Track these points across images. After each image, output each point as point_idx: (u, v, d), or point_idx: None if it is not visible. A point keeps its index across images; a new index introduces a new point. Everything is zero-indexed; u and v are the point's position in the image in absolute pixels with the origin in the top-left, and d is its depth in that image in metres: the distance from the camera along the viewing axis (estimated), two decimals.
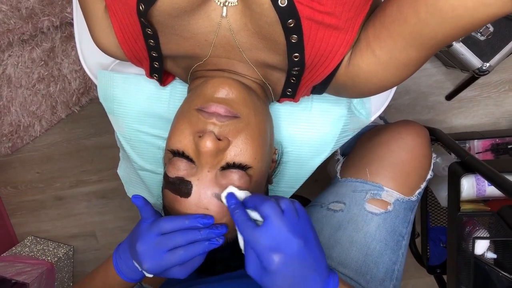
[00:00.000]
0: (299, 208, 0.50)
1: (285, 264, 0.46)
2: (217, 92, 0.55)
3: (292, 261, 0.46)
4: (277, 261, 0.46)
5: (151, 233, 0.54)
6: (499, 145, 1.15)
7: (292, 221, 0.47)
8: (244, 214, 0.50)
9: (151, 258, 0.53)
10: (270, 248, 0.46)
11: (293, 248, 0.46)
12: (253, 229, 0.47)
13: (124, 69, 0.77)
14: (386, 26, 0.49)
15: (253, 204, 0.50)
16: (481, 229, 0.79)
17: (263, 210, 0.48)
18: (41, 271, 1.52)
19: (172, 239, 0.53)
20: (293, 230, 0.47)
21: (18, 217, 1.74)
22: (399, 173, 0.76)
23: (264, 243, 0.46)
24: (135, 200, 0.55)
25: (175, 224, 0.53)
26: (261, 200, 0.49)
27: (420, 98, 1.36)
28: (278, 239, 0.46)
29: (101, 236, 1.73)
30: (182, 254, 0.53)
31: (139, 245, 0.54)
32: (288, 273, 0.47)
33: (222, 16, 0.52)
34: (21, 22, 1.31)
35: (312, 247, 0.49)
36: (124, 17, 0.55)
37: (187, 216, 0.53)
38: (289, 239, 0.46)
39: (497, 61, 1.04)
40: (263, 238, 0.46)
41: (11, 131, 1.57)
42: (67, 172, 1.65)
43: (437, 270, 1.18)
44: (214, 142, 0.50)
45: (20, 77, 1.48)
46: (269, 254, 0.46)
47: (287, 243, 0.46)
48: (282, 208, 0.48)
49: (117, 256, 0.60)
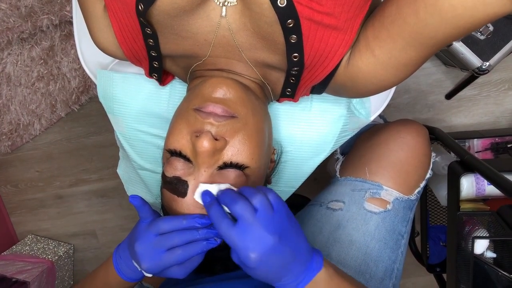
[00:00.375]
0: (273, 201, 0.50)
1: (261, 261, 0.47)
2: (215, 92, 0.55)
3: (269, 257, 0.47)
4: (253, 259, 0.47)
5: (149, 233, 0.54)
6: (499, 144, 1.15)
7: (266, 218, 0.47)
8: (219, 211, 0.50)
9: (149, 258, 0.53)
10: (246, 248, 0.47)
11: (268, 245, 0.47)
12: (228, 228, 0.48)
13: (123, 69, 0.77)
14: (386, 26, 0.49)
15: (224, 202, 0.50)
16: (481, 228, 0.79)
17: (234, 211, 0.48)
18: (42, 270, 1.52)
19: (170, 239, 0.53)
20: (266, 228, 0.47)
21: (18, 215, 1.74)
22: (399, 172, 0.76)
23: (238, 243, 0.47)
24: (132, 200, 0.56)
25: (172, 224, 0.53)
26: (233, 199, 0.48)
27: (419, 97, 1.36)
28: (252, 239, 0.47)
29: (101, 235, 1.73)
30: (180, 254, 0.53)
31: (138, 245, 0.54)
32: (267, 267, 0.48)
33: (222, 16, 0.52)
34: (20, 21, 1.31)
35: (289, 237, 0.49)
36: (123, 16, 0.55)
37: (184, 216, 0.53)
38: (263, 237, 0.47)
39: (497, 60, 1.04)
40: (237, 239, 0.47)
41: (11, 130, 1.57)
42: (67, 171, 1.65)
43: (437, 268, 1.18)
44: (211, 142, 0.51)
45: (19, 76, 1.47)
46: (245, 253, 0.47)
47: (261, 241, 0.47)
48: (254, 206, 0.48)
49: (117, 256, 0.60)
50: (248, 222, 0.47)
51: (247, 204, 0.48)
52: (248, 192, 0.50)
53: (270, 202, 0.49)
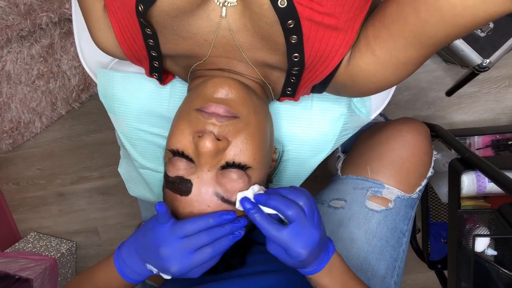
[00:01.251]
0: (312, 201, 0.55)
1: (311, 252, 0.53)
2: (217, 92, 0.55)
3: (314, 249, 0.53)
4: (305, 254, 0.52)
5: (174, 236, 0.53)
6: (500, 141, 1.15)
7: (312, 218, 0.53)
8: (265, 216, 0.53)
9: (178, 261, 0.53)
10: (298, 246, 0.52)
11: (316, 241, 0.53)
12: (280, 231, 0.52)
13: (123, 68, 0.77)
14: (386, 26, 0.49)
15: (275, 207, 0.53)
16: (482, 226, 0.79)
17: (288, 215, 0.52)
18: (44, 267, 1.53)
19: (197, 239, 0.53)
20: (314, 227, 0.53)
21: (20, 213, 1.75)
22: (400, 170, 0.76)
23: (293, 242, 0.51)
24: (160, 208, 0.53)
25: (199, 224, 0.53)
26: (284, 204, 0.52)
27: (420, 94, 1.35)
28: (305, 238, 0.52)
29: (103, 232, 1.73)
30: (209, 252, 0.53)
31: (163, 249, 0.53)
32: (311, 256, 0.54)
33: (222, 16, 0.52)
34: (19, 18, 1.31)
35: (322, 230, 0.55)
36: (123, 16, 0.55)
37: (211, 215, 0.53)
38: (313, 235, 0.52)
39: (497, 57, 1.04)
40: (291, 239, 0.51)
41: (12, 128, 1.57)
42: (68, 169, 1.65)
43: (438, 265, 1.18)
44: (214, 143, 0.51)
45: (19, 74, 1.47)
46: (298, 250, 0.52)
47: (312, 239, 0.52)
48: (302, 208, 0.53)
49: (119, 261, 0.59)
50: (301, 224, 0.52)
51: (299, 208, 0.52)
52: (294, 195, 0.54)
53: (311, 202, 0.55)
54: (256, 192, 0.55)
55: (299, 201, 0.53)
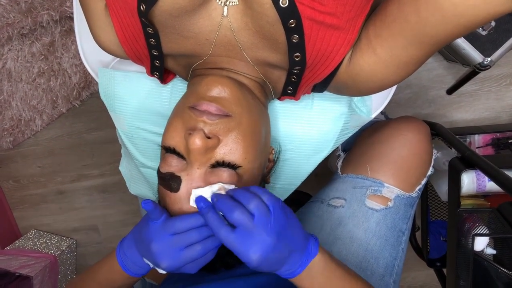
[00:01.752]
0: (269, 202, 0.51)
1: (262, 260, 0.50)
2: (210, 90, 0.55)
3: (269, 255, 0.50)
4: (255, 260, 0.49)
5: (165, 232, 0.54)
6: (500, 139, 1.15)
7: (263, 222, 0.49)
8: (216, 217, 0.51)
9: (168, 257, 0.54)
10: (247, 251, 0.49)
11: (268, 246, 0.49)
12: (227, 235, 0.50)
13: (124, 67, 0.77)
14: (387, 25, 0.49)
15: (220, 210, 0.51)
16: (481, 225, 0.79)
17: (232, 219, 0.50)
18: (45, 264, 1.53)
19: (188, 236, 0.53)
20: (265, 231, 0.49)
21: (20, 210, 1.75)
22: (400, 169, 0.76)
23: (239, 248, 0.49)
24: (145, 206, 0.54)
25: (190, 222, 0.54)
26: (229, 208, 0.50)
27: (421, 92, 1.35)
28: (252, 243, 0.49)
29: (103, 230, 1.74)
30: (199, 250, 0.54)
31: (154, 245, 0.54)
32: (268, 263, 0.51)
33: (223, 15, 0.52)
34: (20, 16, 1.31)
35: (287, 233, 0.52)
36: (125, 16, 0.55)
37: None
38: (263, 241, 0.49)
39: (498, 56, 1.04)
40: (237, 244, 0.49)
41: (12, 126, 1.58)
42: (68, 166, 1.65)
43: (437, 263, 1.19)
44: (203, 140, 0.51)
45: (20, 72, 1.47)
46: (247, 255, 0.49)
47: (261, 244, 0.49)
48: (251, 211, 0.50)
49: (121, 254, 0.61)
50: (247, 229, 0.49)
51: (244, 211, 0.49)
52: (244, 198, 0.51)
53: (265, 204, 0.51)
54: (214, 191, 0.54)
55: (248, 204, 0.50)
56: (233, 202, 0.51)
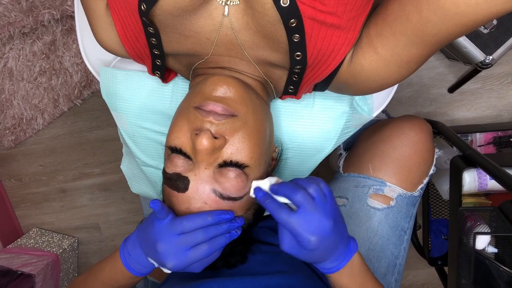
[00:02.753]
0: (325, 189, 0.54)
1: (320, 243, 0.52)
2: (215, 90, 0.55)
3: (326, 239, 0.52)
4: (315, 242, 0.51)
5: (172, 232, 0.54)
6: (501, 138, 1.15)
7: (322, 205, 0.52)
8: (275, 202, 0.54)
9: (174, 257, 0.54)
10: (307, 232, 0.51)
11: (326, 229, 0.52)
12: (289, 216, 0.51)
13: (126, 66, 0.77)
14: (388, 24, 0.49)
15: (284, 194, 0.53)
16: (483, 224, 0.79)
17: (295, 200, 0.52)
18: (47, 263, 1.54)
19: (195, 236, 0.54)
20: (324, 214, 0.52)
21: (22, 209, 1.75)
22: (402, 168, 0.76)
23: (302, 228, 0.51)
24: (153, 206, 0.54)
25: (197, 222, 0.54)
26: (292, 190, 0.52)
27: (422, 90, 1.35)
28: (313, 224, 0.51)
29: (104, 228, 1.74)
30: (206, 250, 0.54)
31: (160, 245, 0.54)
32: (323, 248, 0.53)
33: (224, 15, 0.52)
34: (21, 15, 1.31)
35: (339, 223, 0.55)
36: (126, 15, 0.55)
37: (209, 213, 0.54)
38: (322, 222, 0.51)
39: (500, 54, 1.04)
40: (300, 224, 0.51)
41: (14, 124, 1.58)
42: (70, 165, 1.66)
43: (438, 261, 1.19)
44: (210, 140, 0.51)
45: (21, 70, 1.48)
46: (307, 236, 0.51)
47: (321, 226, 0.51)
48: (311, 194, 0.52)
49: (125, 253, 0.61)
50: (308, 209, 0.51)
51: (306, 193, 0.52)
52: (304, 183, 0.54)
53: (323, 190, 0.53)
54: (273, 183, 0.56)
55: (308, 188, 0.53)
56: (295, 186, 0.53)
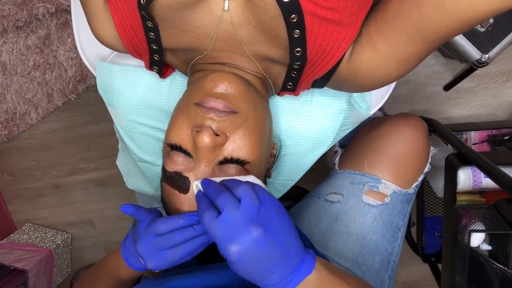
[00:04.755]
0: (261, 194, 0.47)
1: (243, 254, 0.44)
2: (216, 87, 0.55)
3: (251, 250, 0.44)
4: (235, 252, 0.44)
5: (149, 234, 0.55)
6: (496, 136, 1.16)
7: (250, 209, 0.45)
8: (206, 203, 0.48)
9: (152, 258, 0.55)
10: (226, 239, 0.44)
11: (251, 237, 0.44)
12: (210, 220, 0.45)
13: (123, 61, 0.76)
14: (388, 21, 0.49)
15: (209, 195, 0.48)
16: (477, 221, 0.80)
17: (218, 203, 0.46)
18: (40, 258, 1.53)
19: (169, 239, 0.53)
20: (250, 220, 0.44)
21: (15, 204, 1.74)
22: (397, 166, 0.77)
23: (220, 234, 0.45)
24: (124, 210, 0.57)
25: (170, 225, 0.54)
26: (216, 191, 0.47)
27: (418, 88, 1.36)
28: (234, 230, 0.44)
29: (99, 224, 1.74)
30: (183, 250, 0.54)
31: (139, 246, 0.55)
32: (250, 262, 0.45)
33: (224, 9, 0.51)
34: (15, 9, 1.29)
35: (277, 233, 0.46)
36: (124, 9, 0.54)
37: (180, 216, 0.54)
38: (246, 229, 0.44)
39: (496, 52, 1.04)
40: (218, 230, 0.45)
41: (7, 119, 1.56)
42: (64, 160, 1.65)
43: (432, 258, 1.20)
44: (212, 137, 0.51)
45: (15, 64, 1.46)
46: (226, 245, 0.44)
47: (244, 233, 0.44)
48: (238, 196, 0.46)
49: (124, 249, 0.62)
50: (230, 213, 0.44)
51: (230, 195, 0.46)
52: (232, 184, 0.48)
53: (256, 194, 0.47)
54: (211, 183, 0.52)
55: (235, 190, 0.47)
56: (221, 187, 0.48)
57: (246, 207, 0.45)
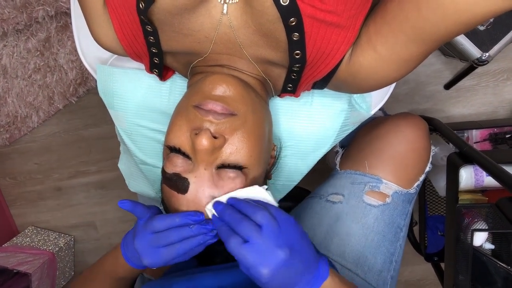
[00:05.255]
0: (277, 215, 0.50)
1: (274, 275, 0.48)
2: (215, 89, 0.55)
3: (280, 270, 0.48)
4: (266, 274, 0.47)
5: (146, 231, 0.56)
6: (497, 134, 1.15)
7: (272, 233, 0.48)
8: (227, 230, 0.51)
9: (148, 255, 0.55)
10: (257, 264, 0.47)
11: (279, 259, 0.47)
12: (238, 247, 0.48)
13: (123, 64, 0.76)
14: (387, 22, 0.48)
15: (229, 224, 0.51)
16: (480, 220, 0.80)
17: (239, 232, 0.49)
18: (43, 261, 1.53)
19: (165, 237, 0.54)
20: (275, 244, 0.48)
21: (17, 207, 1.74)
22: (398, 166, 0.76)
23: (250, 260, 0.47)
24: (122, 205, 0.57)
25: (166, 222, 0.54)
26: (235, 221, 0.49)
27: (418, 87, 1.36)
28: (263, 255, 0.47)
29: (100, 226, 1.74)
30: (179, 248, 0.54)
31: (136, 242, 0.56)
32: (279, 280, 0.48)
33: (223, 13, 0.51)
34: (15, 12, 1.29)
35: (299, 250, 0.50)
36: (124, 13, 0.55)
37: (177, 214, 0.54)
38: (274, 253, 0.47)
39: (496, 51, 1.04)
40: (249, 256, 0.48)
41: (8, 122, 1.57)
42: (65, 163, 1.65)
43: (435, 257, 1.19)
44: (210, 140, 0.51)
45: (16, 68, 1.46)
46: (257, 269, 0.47)
47: (273, 257, 0.47)
48: (258, 223, 0.49)
49: (124, 246, 0.62)
50: (256, 240, 0.47)
51: (250, 223, 0.49)
52: (250, 210, 0.50)
53: (273, 215, 0.50)
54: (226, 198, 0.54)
55: (254, 217, 0.49)
56: (239, 216, 0.50)
57: (268, 233, 0.48)
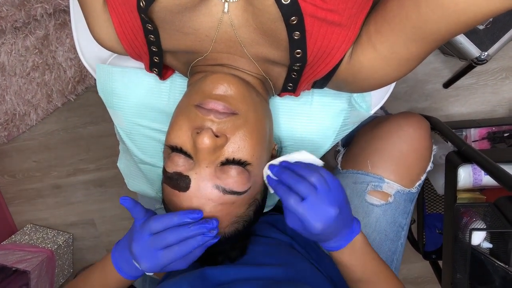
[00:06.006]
0: (328, 178, 0.55)
1: (325, 228, 0.54)
2: (216, 88, 0.55)
3: (331, 225, 0.54)
4: (320, 228, 0.53)
5: (144, 233, 0.54)
6: (496, 133, 1.16)
7: (326, 194, 0.53)
8: (285, 189, 0.55)
9: (146, 258, 0.54)
10: (313, 219, 0.53)
11: (332, 215, 0.53)
12: (296, 204, 0.53)
13: (123, 63, 0.76)
14: (388, 21, 0.48)
15: (287, 183, 0.55)
16: (478, 219, 0.80)
17: (298, 190, 0.53)
18: (42, 259, 1.53)
19: (163, 238, 0.53)
20: (328, 203, 0.53)
21: (16, 205, 1.74)
22: (400, 165, 0.77)
23: (307, 215, 0.53)
24: (123, 202, 0.56)
25: (164, 222, 0.54)
26: (294, 181, 0.54)
27: (417, 86, 1.36)
28: (319, 213, 0.53)
29: (99, 224, 1.74)
30: (177, 251, 0.53)
31: (134, 246, 0.55)
32: (327, 232, 0.55)
33: (224, 12, 0.51)
34: (13, 9, 1.29)
35: (343, 207, 0.56)
36: (124, 12, 0.54)
37: (175, 213, 0.54)
38: (328, 212, 0.53)
39: (495, 50, 1.04)
40: (307, 212, 0.53)
41: (7, 120, 1.56)
42: (64, 161, 1.65)
43: (433, 255, 1.20)
44: (212, 139, 0.51)
45: (14, 65, 1.45)
46: (313, 223, 0.53)
47: (327, 215, 0.53)
48: (313, 184, 0.53)
49: (116, 255, 0.61)
50: (312, 198, 0.53)
51: (307, 183, 0.53)
52: (306, 172, 0.55)
53: (325, 179, 0.54)
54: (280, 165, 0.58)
55: (310, 178, 0.54)
56: (297, 177, 0.54)
57: (322, 193, 0.53)
